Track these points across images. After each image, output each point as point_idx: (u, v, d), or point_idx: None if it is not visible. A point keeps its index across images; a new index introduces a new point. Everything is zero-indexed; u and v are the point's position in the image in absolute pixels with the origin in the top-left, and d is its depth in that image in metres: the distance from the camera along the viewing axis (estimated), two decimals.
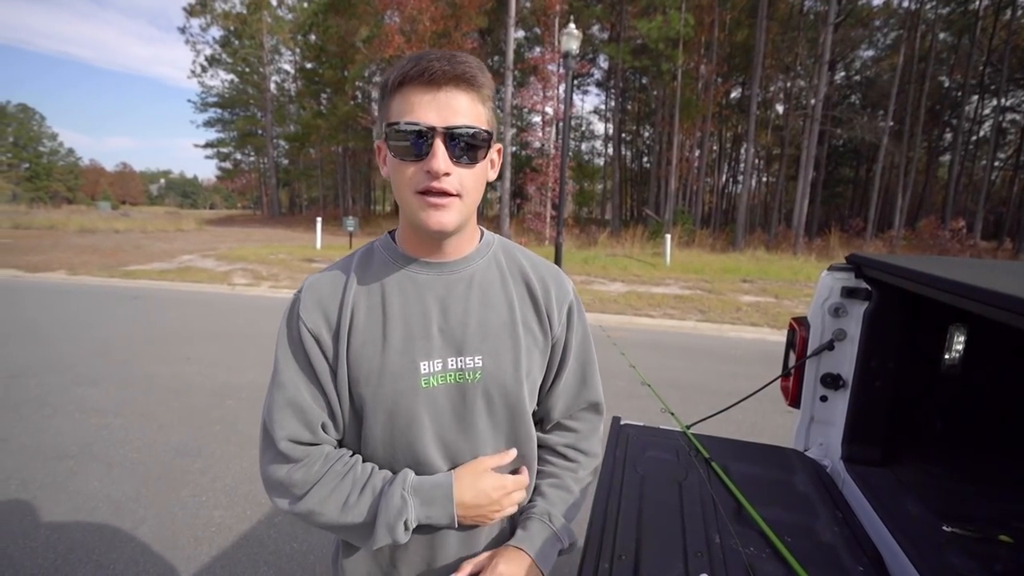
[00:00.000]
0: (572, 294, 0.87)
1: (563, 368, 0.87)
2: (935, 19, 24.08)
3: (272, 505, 0.77)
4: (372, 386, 0.74)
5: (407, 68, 0.68)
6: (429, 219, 0.70)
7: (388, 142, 0.71)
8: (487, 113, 0.72)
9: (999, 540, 1.05)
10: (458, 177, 0.70)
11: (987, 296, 0.86)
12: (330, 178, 36.79)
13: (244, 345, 5.30)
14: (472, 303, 0.79)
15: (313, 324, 0.76)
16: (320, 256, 12.68)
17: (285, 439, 0.74)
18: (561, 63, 17.98)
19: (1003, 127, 27.19)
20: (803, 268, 12.74)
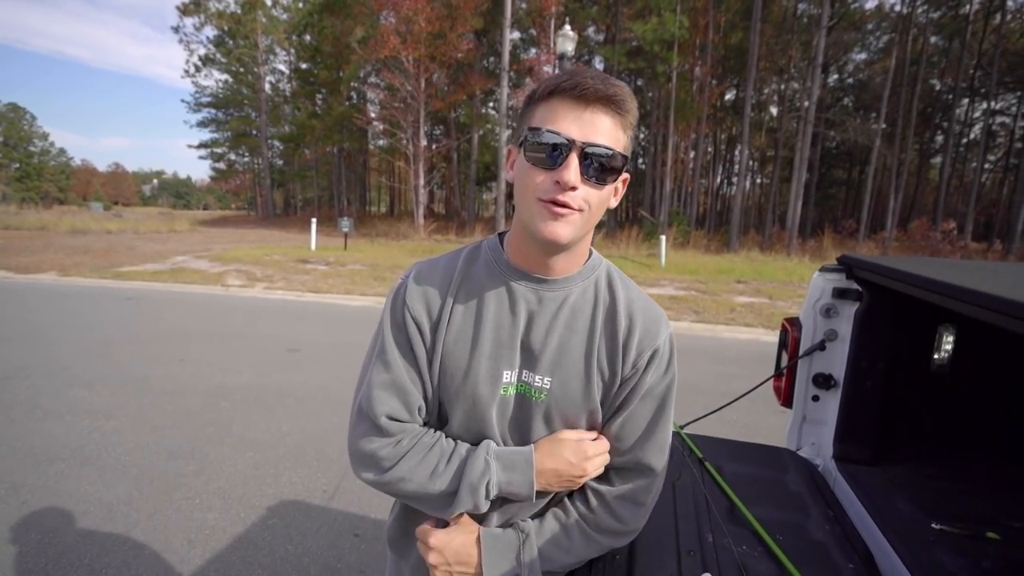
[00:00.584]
0: (662, 342, 0.81)
1: (620, 411, 0.82)
2: (926, 23, 24.33)
3: (356, 476, 0.79)
4: (457, 383, 0.79)
5: (561, 80, 0.69)
6: (546, 227, 0.70)
7: (524, 146, 0.71)
8: (626, 140, 0.72)
9: (987, 537, 1.07)
10: (584, 194, 0.69)
11: (974, 297, 0.88)
12: (325, 179, 36.69)
13: (239, 346, 5.27)
14: (557, 324, 0.79)
15: (416, 313, 0.79)
16: (315, 257, 12.64)
17: (384, 415, 0.77)
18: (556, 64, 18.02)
19: (993, 130, 27.50)
20: (797, 269, 12.82)
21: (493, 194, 26.00)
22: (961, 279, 1.01)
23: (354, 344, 5.54)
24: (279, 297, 8.26)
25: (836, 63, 27.86)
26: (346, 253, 13.57)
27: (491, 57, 26.97)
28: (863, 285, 1.33)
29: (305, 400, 3.90)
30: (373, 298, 8.25)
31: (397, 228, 21.02)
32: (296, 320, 6.67)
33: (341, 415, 3.64)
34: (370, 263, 11.85)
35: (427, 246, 16.50)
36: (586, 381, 0.79)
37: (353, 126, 27.00)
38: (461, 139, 26.55)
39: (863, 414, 1.34)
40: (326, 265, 11.55)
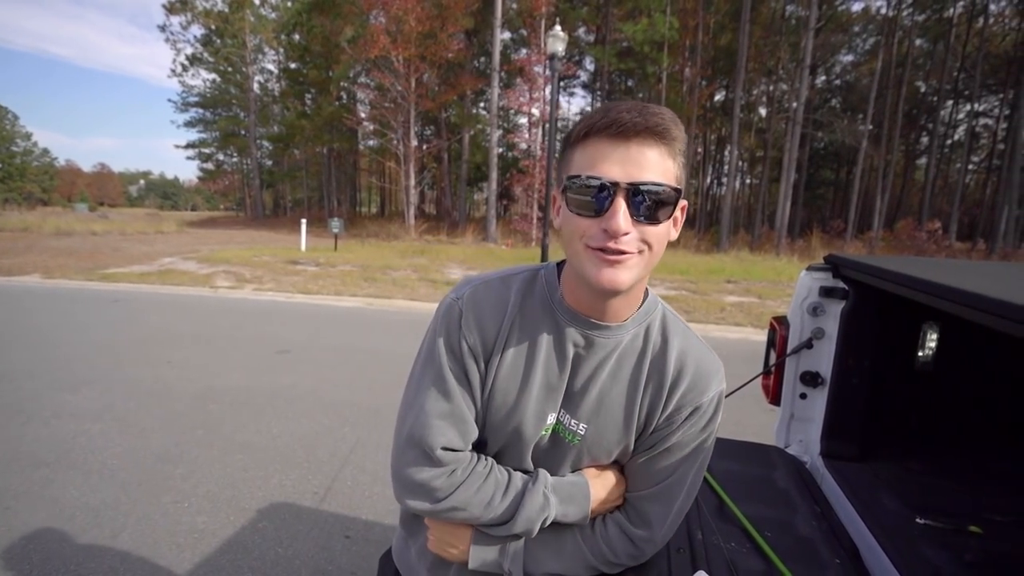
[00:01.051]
0: (708, 399, 0.77)
1: (642, 455, 0.80)
2: (912, 25, 24.68)
3: (401, 504, 0.79)
4: (501, 418, 0.78)
5: (595, 119, 0.65)
6: (601, 274, 0.66)
7: (566, 195, 0.67)
8: (676, 169, 0.67)
9: (969, 531, 1.09)
10: (638, 235, 0.65)
11: (957, 295, 0.89)
12: (315, 179, 36.45)
13: (227, 348, 5.23)
14: (602, 373, 0.77)
15: (473, 343, 0.77)
16: (305, 258, 12.57)
17: (441, 446, 0.75)
18: (547, 65, 18.05)
19: (976, 131, 27.98)
20: (786, 269, 12.94)
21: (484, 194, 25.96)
22: (944, 278, 1.02)
23: (345, 345, 5.51)
24: (269, 298, 8.20)
25: (824, 65, 28.17)
26: (336, 254, 13.50)
27: (482, 57, 26.95)
28: (849, 284, 1.35)
29: (295, 402, 3.87)
30: (364, 299, 8.21)
31: (388, 229, 20.95)
32: (286, 321, 6.62)
33: (332, 417, 3.62)
34: (361, 264, 11.79)
35: (418, 246, 16.45)
36: (623, 431, 0.78)
37: (343, 126, 26.85)
38: (452, 139, 26.50)
39: (849, 411, 1.36)
40: (316, 266, 11.48)
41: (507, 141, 25.22)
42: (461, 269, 11.80)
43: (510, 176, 22.49)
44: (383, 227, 21.76)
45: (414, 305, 7.95)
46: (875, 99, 22.45)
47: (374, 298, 8.26)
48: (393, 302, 8.09)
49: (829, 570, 0.92)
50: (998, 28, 25.36)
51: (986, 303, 0.80)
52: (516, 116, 27.20)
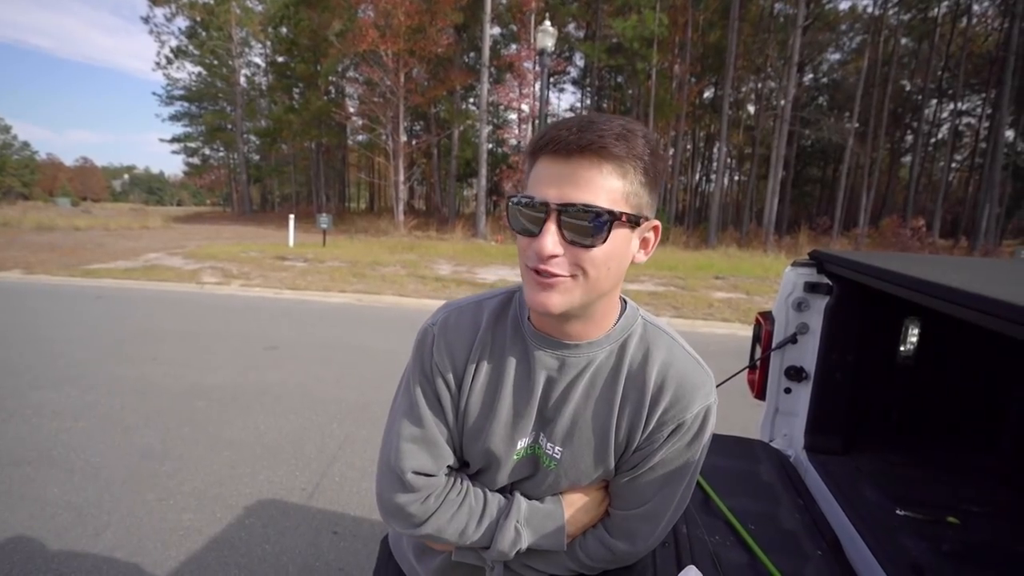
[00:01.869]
0: (692, 415, 0.73)
1: (625, 474, 0.77)
2: (897, 25, 24.95)
3: (388, 526, 0.80)
4: (473, 442, 0.78)
5: (539, 137, 0.64)
6: (535, 296, 0.65)
7: (509, 212, 0.67)
8: (626, 187, 0.63)
9: (947, 522, 1.11)
10: (572, 258, 0.63)
11: (937, 290, 0.90)
12: (303, 174, 36.07)
13: (214, 345, 5.17)
14: (574, 394, 0.75)
15: (443, 367, 0.77)
16: (293, 254, 12.45)
17: (411, 471, 0.76)
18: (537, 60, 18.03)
19: (959, 130, 28.41)
20: (773, 265, 13.07)
21: (474, 190, 25.90)
22: (926, 273, 1.04)
23: (334, 341, 5.48)
24: (256, 294, 8.12)
25: (811, 63, 28.41)
26: (325, 250, 13.40)
27: (471, 52, 26.80)
28: (833, 279, 1.36)
29: (283, 398, 3.84)
30: (352, 295, 8.16)
31: (377, 225, 20.81)
32: (274, 318, 6.56)
33: (320, 413, 3.60)
34: (349, 260, 11.71)
35: (407, 242, 16.38)
36: (600, 454, 0.76)
37: (332, 121, 26.60)
38: (441, 135, 26.37)
39: (833, 405, 1.38)
40: (305, 262, 11.38)
41: (497, 137, 25.17)
42: (451, 265, 11.77)
43: (500, 172, 22.45)
44: (372, 223, 21.62)
45: (403, 301, 7.92)
46: (861, 97, 22.70)
47: (363, 294, 8.21)
48: (382, 298, 8.05)
49: (811, 561, 0.94)
50: (981, 28, 25.77)
51: (966, 298, 0.82)
52: (506, 112, 27.14)
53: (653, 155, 0.64)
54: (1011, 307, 0.69)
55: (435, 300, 7.92)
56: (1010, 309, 0.69)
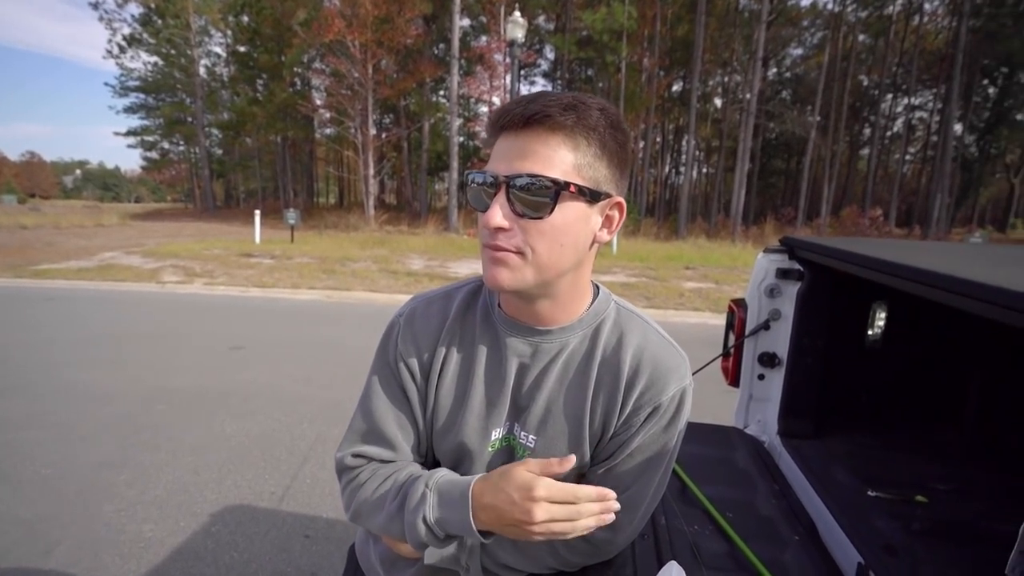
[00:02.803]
0: (668, 397, 0.71)
1: (602, 464, 0.74)
2: (855, 21, 25.76)
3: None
4: (445, 435, 0.75)
5: (493, 114, 0.63)
6: (486, 273, 0.65)
7: (467, 189, 0.67)
8: (577, 158, 0.61)
9: (916, 501, 1.13)
10: (521, 233, 0.61)
11: (906, 271, 0.91)
12: (269, 169, 35.08)
13: (177, 346, 4.97)
14: (547, 380, 0.73)
15: (407, 356, 0.75)
16: (259, 250, 12.11)
17: (350, 454, 0.75)
18: (507, 52, 17.91)
19: (912, 124, 29.61)
20: (741, 255, 13.37)
21: (445, 184, 25.65)
22: (894, 256, 1.05)
23: (303, 339, 5.34)
24: (221, 293, 7.85)
25: (775, 57, 29.09)
26: (293, 246, 13.07)
27: (441, 44, 26.47)
28: (804, 265, 1.37)
29: (251, 399, 3.72)
30: (322, 291, 7.98)
31: (347, 220, 20.41)
32: (240, 316, 6.36)
33: (289, 414, 3.50)
34: (319, 256, 11.45)
35: (378, 237, 16.12)
36: (575, 441, 0.73)
37: (298, 114, 25.88)
38: (412, 128, 26.01)
39: (805, 390, 1.39)
40: (272, 259, 11.08)
41: (468, 130, 24.97)
42: (423, 260, 11.64)
43: (471, 165, 22.32)
44: (342, 218, 21.19)
45: (374, 297, 7.78)
46: (822, 91, 23.38)
47: (333, 290, 8.04)
48: (353, 294, 7.90)
49: (789, 547, 0.94)
50: (932, 27, 26.84)
51: (936, 278, 0.82)
52: (477, 105, 26.97)
53: (612, 128, 0.62)
54: (978, 285, 0.69)
55: (406, 295, 7.79)
56: (979, 288, 0.70)
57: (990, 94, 27.02)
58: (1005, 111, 26.30)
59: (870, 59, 28.28)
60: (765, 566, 0.87)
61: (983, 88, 26.35)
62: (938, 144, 24.03)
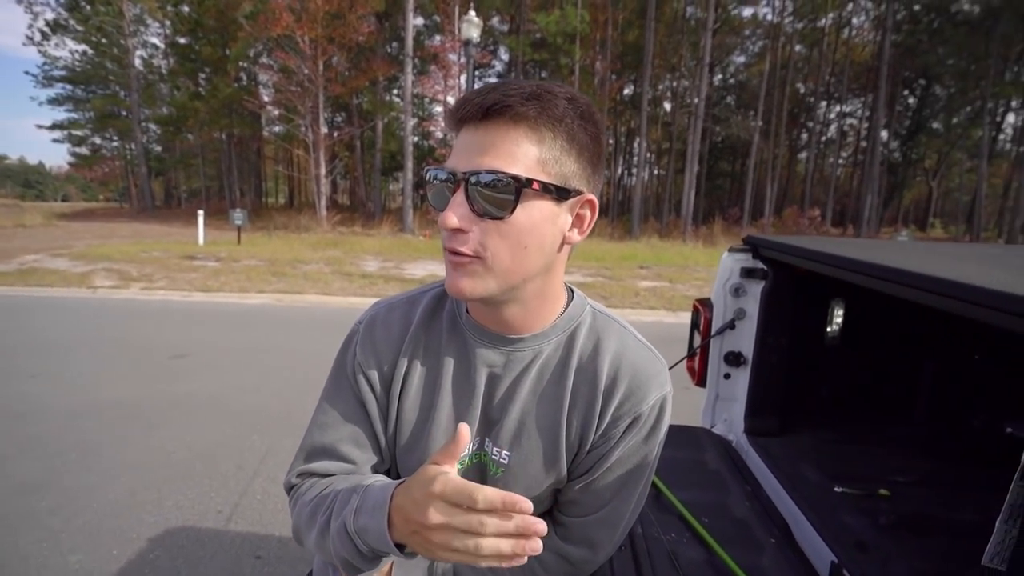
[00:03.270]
0: (648, 407, 0.67)
1: (581, 478, 0.70)
2: (792, 32, 27.17)
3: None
4: (406, 453, 0.69)
5: (452, 107, 0.59)
6: (448, 281, 0.60)
7: (426, 188, 0.62)
8: (544, 153, 0.56)
9: (879, 495, 1.15)
10: (481, 235, 0.56)
11: (869, 268, 0.92)
12: (213, 167, 33.41)
13: (111, 356, 4.62)
14: (522, 390, 0.67)
15: (366, 366, 0.69)
16: (203, 252, 11.49)
17: (297, 474, 0.70)
18: (462, 52, 17.80)
19: (844, 130, 31.61)
20: (692, 254, 13.82)
21: (400, 184, 25.24)
22: (853, 253, 1.06)
23: (252, 346, 5.08)
24: (161, 298, 7.38)
25: (720, 64, 30.25)
26: (240, 248, 12.49)
27: (394, 42, 26.01)
28: (768, 264, 1.39)
29: (195, 412, 3.49)
30: (272, 295, 7.65)
31: (298, 220, 19.70)
32: (182, 323, 5.99)
33: (237, 426, 3.30)
34: (268, 258, 10.99)
35: (331, 238, 15.65)
36: (551, 456, 0.68)
37: (244, 110, 24.78)
38: (365, 127, 25.42)
39: (770, 388, 1.41)
40: (217, 261, 10.53)
41: (422, 129, 24.64)
42: (378, 261, 11.37)
43: (427, 164, 22.03)
44: (292, 219, 20.43)
45: (328, 300, 7.53)
46: (764, 98, 24.50)
47: (284, 294, 7.72)
48: (305, 297, 7.61)
49: (766, 550, 0.93)
50: (859, 40, 28.68)
51: (892, 273, 0.83)
52: (431, 104, 26.66)
53: (582, 119, 0.58)
54: (931, 279, 0.71)
55: (362, 298, 7.60)
56: (935, 282, 0.71)
57: (910, 104, 29.23)
58: (924, 120, 28.52)
59: (806, 68, 29.90)
60: (745, 572, 0.85)
61: (904, 98, 28.44)
62: (867, 149, 25.69)
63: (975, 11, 23.09)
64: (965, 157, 29.27)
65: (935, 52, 24.66)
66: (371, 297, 7.65)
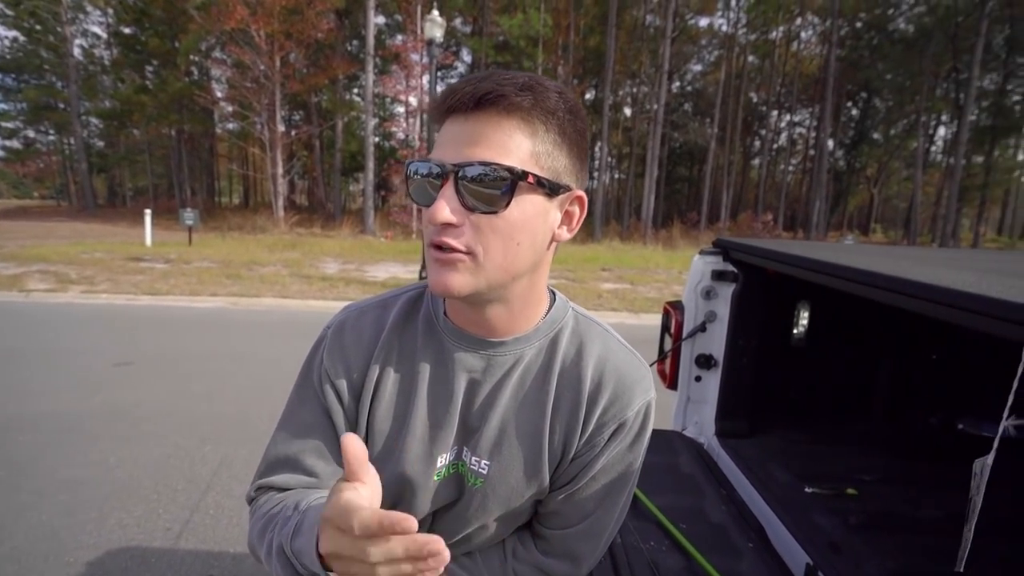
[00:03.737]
0: (633, 413, 0.65)
1: (563, 489, 0.67)
2: (746, 43, 28.28)
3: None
4: (379, 465, 0.59)
5: (439, 95, 0.55)
6: (433, 278, 0.56)
7: (408, 182, 0.57)
8: (537, 146, 0.53)
9: (847, 494, 1.18)
10: (472, 230, 0.53)
11: (838, 270, 0.93)
12: (161, 165, 31.85)
13: (47, 364, 4.29)
14: (503, 397, 0.64)
15: (334, 373, 0.65)
16: (151, 254, 10.91)
17: (255, 488, 0.65)
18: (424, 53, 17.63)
19: (794, 138, 33.14)
20: (652, 256, 14.14)
21: (361, 185, 24.75)
22: (822, 256, 1.08)
23: (204, 352, 4.83)
24: (103, 302, 6.95)
25: (678, 72, 31.13)
26: (192, 249, 11.93)
27: (355, 40, 25.53)
28: (738, 266, 1.40)
29: (140, 423, 3.28)
30: (226, 298, 7.32)
31: (253, 221, 19.01)
32: (128, 328, 5.65)
33: (188, 436, 3.12)
34: (222, 260, 10.54)
35: (289, 240, 15.17)
36: (533, 465, 0.65)
37: (195, 105, 23.74)
38: (324, 126, 24.80)
39: (741, 390, 1.42)
40: (166, 263, 10.02)
41: (384, 130, 24.26)
42: (338, 263, 11.09)
43: (388, 166, 21.68)
44: (248, 219, 19.70)
45: (286, 303, 7.27)
46: (720, 105, 25.38)
47: (239, 297, 7.41)
48: (261, 301, 7.32)
49: (744, 556, 0.93)
50: (807, 53, 30.14)
51: (862, 275, 0.84)
52: (393, 105, 26.29)
53: (571, 114, 0.56)
54: (895, 280, 0.72)
55: (322, 301, 7.38)
56: (911, 285, 0.72)
57: (854, 115, 30.96)
58: (866, 130, 30.29)
59: (759, 78, 31.17)
60: None
61: (848, 110, 30.09)
62: (815, 157, 26.95)
63: (910, 30, 24.70)
64: (902, 166, 31.26)
65: (875, 67, 26.28)
66: (331, 300, 7.44)
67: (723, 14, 27.90)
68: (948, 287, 0.66)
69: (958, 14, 21.96)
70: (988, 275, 0.83)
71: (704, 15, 28.09)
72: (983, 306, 0.58)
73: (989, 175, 26.36)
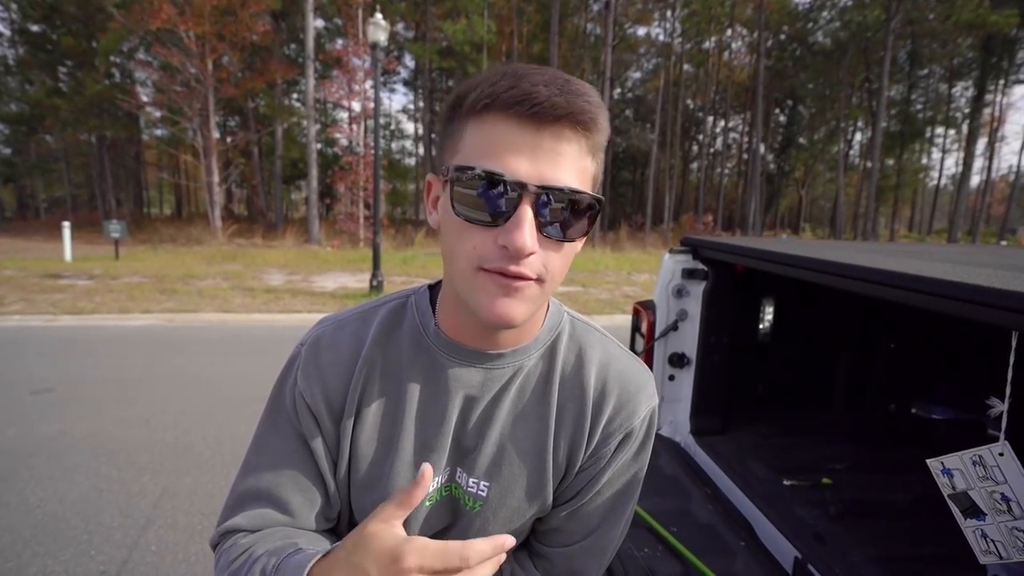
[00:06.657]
0: (641, 421, 0.62)
1: (566, 505, 0.63)
2: (682, 52, 29.56)
3: None
4: (364, 491, 0.59)
5: (499, 86, 0.46)
6: (493, 306, 0.49)
7: (454, 190, 0.48)
8: (595, 168, 0.51)
9: (823, 484, 1.20)
10: (543, 257, 0.48)
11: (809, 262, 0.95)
12: (81, 174, 29.50)
13: None
14: (500, 412, 0.59)
15: (311, 396, 0.58)
16: (72, 270, 10.05)
17: (220, 533, 0.58)
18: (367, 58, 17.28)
19: (729, 143, 34.95)
20: (601, 259, 14.44)
21: (304, 193, 23.89)
22: (787, 250, 1.10)
23: (137, 374, 4.47)
24: (16, 324, 6.32)
25: (619, 79, 32.12)
26: (119, 263, 11.10)
27: (293, 44, 24.69)
28: (708, 264, 1.41)
29: (64, 455, 2.98)
30: (161, 315, 6.84)
31: (188, 232, 17.95)
32: (46, 351, 5.15)
33: (123, 467, 2.86)
34: (154, 274, 9.86)
35: (229, 251, 14.40)
36: (536, 482, 0.60)
37: (118, 110, 22.16)
38: (263, 132, 23.80)
39: (714, 387, 1.44)
40: (90, 279, 9.26)
41: (326, 136, 23.56)
42: (283, 274, 10.63)
43: (332, 173, 21.06)
44: (181, 230, 18.57)
45: (228, 318, 6.87)
46: (660, 112, 26.36)
47: (175, 313, 6.93)
48: (201, 316, 6.89)
49: (738, 555, 0.92)
50: (738, 62, 31.91)
51: (832, 267, 0.86)
52: (335, 110, 25.61)
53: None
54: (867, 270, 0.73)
55: (268, 315, 7.04)
56: (884, 275, 0.74)
57: (781, 121, 33.06)
58: (792, 135, 32.37)
59: (695, 86, 32.66)
60: None
61: (776, 116, 32.09)
62: (748, 161, 28.50)
63: (828, 43, 26.67)
64: (826, 169, 33.57)
65: (799, 77, 28.18)
66: (278, 313, 7.10)
67: (660, 24, 29.07)
68: (943, 279, 0.68)
69: (868, 29, 23.93)
70: (959, 266, 0.87)
71: (642, 24, 29.11)
72: (974, 295, 0.60)
73: (900, 176, 28.84)
